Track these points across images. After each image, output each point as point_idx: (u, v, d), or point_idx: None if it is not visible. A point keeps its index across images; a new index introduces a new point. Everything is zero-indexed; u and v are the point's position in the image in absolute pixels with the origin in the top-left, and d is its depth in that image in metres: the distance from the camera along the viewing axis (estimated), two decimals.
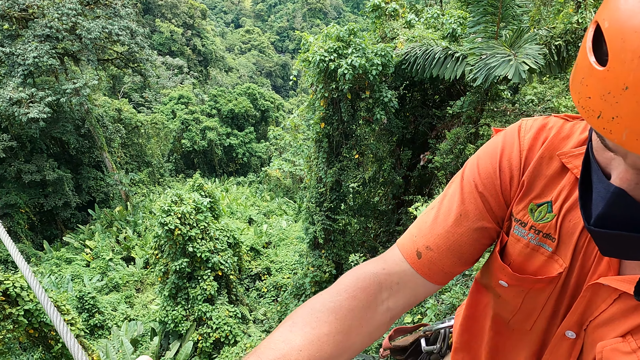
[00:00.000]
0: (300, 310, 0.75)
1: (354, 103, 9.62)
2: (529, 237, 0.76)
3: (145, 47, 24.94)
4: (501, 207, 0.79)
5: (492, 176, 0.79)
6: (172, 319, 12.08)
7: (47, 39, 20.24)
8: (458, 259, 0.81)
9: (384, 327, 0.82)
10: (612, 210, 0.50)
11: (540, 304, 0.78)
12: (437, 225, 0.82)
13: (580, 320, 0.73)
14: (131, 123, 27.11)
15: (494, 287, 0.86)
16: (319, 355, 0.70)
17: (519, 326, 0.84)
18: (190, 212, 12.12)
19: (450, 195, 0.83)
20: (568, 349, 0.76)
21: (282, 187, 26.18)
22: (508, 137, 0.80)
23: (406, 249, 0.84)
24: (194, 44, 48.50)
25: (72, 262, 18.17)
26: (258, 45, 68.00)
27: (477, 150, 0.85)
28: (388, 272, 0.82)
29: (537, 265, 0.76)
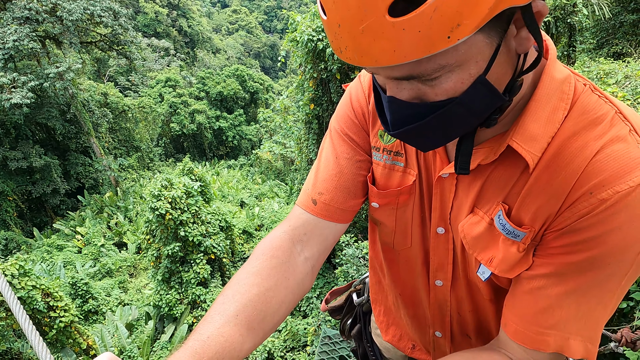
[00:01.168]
0: (229, 285, 0.81)
1: (343, 83, 9.53)
2: (384, 158, 0.89)
3: (129, 28, 24.32)
4: (365, 140, 0.92)
5: (349, 117, 0.92)
6: (166, 302, 12.15)
7: (27, 22, 19.62)
8: (347, 193, 0.92)
9: (309, 277, 0.90)
10: (394, 115, 0.63)
11: (409, 218, 0.90)
12: (320, 173, 0.94)
13: (442, 215, 0.85)
14: (118, 107, 26.64)
15: (372, 214, 0.96)
16: (255, 314, 0.76)
17: (401, 247, 0.95)
18: (181, 196, 12.06)
19: (326, 148, 0.96)
20: (444, 244, 0.87)
21: (274, 169, 26.10)
22: (353, 85, 0.95)
23: (303, 201, 0.94)
24: (180, 25, 47.42)
25: (64, 248, 18.07)
26: (246, 25, 66.73)
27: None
28: (294, 227, 0.91)
29: (397, 182, 0.88)
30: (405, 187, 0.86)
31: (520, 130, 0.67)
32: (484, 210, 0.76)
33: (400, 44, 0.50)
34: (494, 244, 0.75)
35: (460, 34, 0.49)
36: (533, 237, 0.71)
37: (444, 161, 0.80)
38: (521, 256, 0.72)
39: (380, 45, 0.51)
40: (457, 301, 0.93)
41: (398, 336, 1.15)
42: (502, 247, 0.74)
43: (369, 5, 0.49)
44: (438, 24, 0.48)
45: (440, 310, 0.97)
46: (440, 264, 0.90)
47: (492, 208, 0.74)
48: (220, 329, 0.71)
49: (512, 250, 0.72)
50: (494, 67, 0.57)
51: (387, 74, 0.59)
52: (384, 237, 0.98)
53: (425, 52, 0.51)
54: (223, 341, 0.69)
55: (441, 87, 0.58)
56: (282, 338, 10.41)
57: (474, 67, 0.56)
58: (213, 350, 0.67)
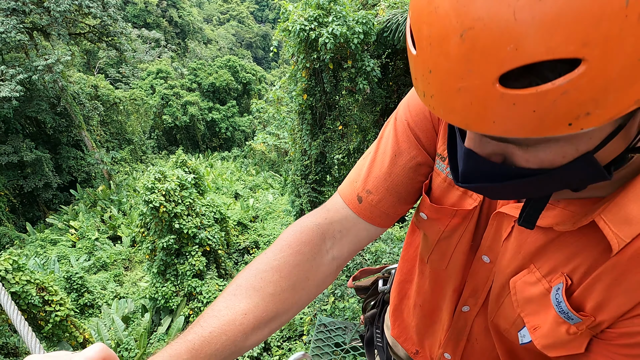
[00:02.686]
0: (245, 272, 0.76)
1: (336, 73, 9.49)
2: (447, 171, 0.78)
3: (118, 19, 23.95)
4: (433, 142, 0.81)
5: (422, 111, 0.80)
6: (162, 295, 12.17)
7: (14, 13, 19.25)
8: (397, 198, 0.83)
9: (331, 277, 0.84)
10: (468, 168, 0.55)
11: (455, 242, 0.81)
12: (374, 168, 0.83)
13: (492, 246, 0.76)
14: (109, 100, 26.34)
15: (418, 222, 0.88)
16: (265, 316, 0.72)
17: (435, 265, 0.87)
18: (175, 188, 12.01)
19: (385, 137, 0.84)
20: (485, 273, 0.79)
21: (267, 160, 26.05)
22: None
23: (347, 194, 0.85)
24: (170, 15, 46.77)
25: (57, 243, 17.98)
26: (237, 15, 65.98)
27: (408, 93, 0.86)
28: (330, 221, 0.83)
29: (454, 200, 0.78)
30: (462, 210, 0.77)
31: (614, 209, 0.56)
32: (542, 273, 0.67)
33: (504, 119, 0.42)
34: (544, 313, 0.66)
35: (587, 124, 0.40)
36: (590, 326, 0.61)
37: None
38: (570, 339, 0.63)
39: (478, 111, 0.43)
40: (478, 330, 0.87)
41: (404, 337, 1.11)
42: (550, 322, 0.65)
43: (477, 65, 0.40)
44: (562, 109, 0.39)
45: (458, 335, 0.91)
46: (474, 290, 0.83)
47: (553, 276, 0.65)
48: (225, 326, 0.68)
49: (561, 330, 0.64)
50: (607, 145, 0.47)
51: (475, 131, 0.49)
52: (422, 249, 0.91)
53: (533, 134, 0.42)
54: (225, 339, 0.67)
55: (536, 155, 0.48)
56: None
57: (584, 144, 0.46)
58: (213, 348, 0.65)
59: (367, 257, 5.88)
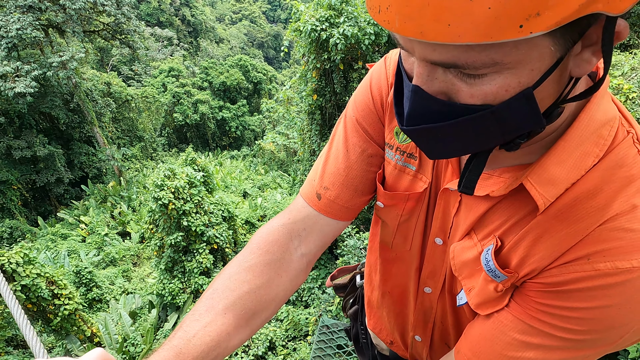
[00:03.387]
0: (219, 277, 0.79)
1: (346, 74, 9.48)
2: (396, 158, 0.82)
3: (132, 17, 24.20)
4: (380, 133, 0.84)
5: (367, 106, 0.84)
6: (169, 291, 12.25)
7: (30, 10, 19.56)
8: (354, 191, 0.86)
9: (303, 273, 0.87)
10: (414, 108, 0.54)
11: (413, 224, 0.85)
12: (329, 165, 0.87)
13: (443, 226, 0.80)
14: (121, 97, 26.62)
15: (376, 212, 0.92)
16: (244, 313, 0.74)
17: (400, 249, 0.91)
18: (184, 186, 12.09)
19: (337, 135, 0.89)
20: (440, 255, 0.83)
21: (276, 160, 26.11)
22: (376, 68, 0.85)
23: (307, 193, 0.89)
24: (183, 14, 47.14)
25: (68, 237, 18.21)
26: (249, 14, 66.27)
27: (354, 92, 0.90)
28: (294, 221, 0.87)
29: (405, 185, 0.82)
30: (413, 193, 0.81)
31: (539, 170, 0.59)
32: (479, 237, 0.71)
33: (460, 19, 0.41)
34: (477, 275, 0.71)
35: (536, 27, 0.40)
36: (514, 282, 0.66)
37: (455, 173, 0.74)
38: (497, 296, 0.68)
39: (434, 13, 0.42)
40: (443, 311, 0.90)
41: (378, 329, 1.14)
42: (481, 281, 0.70)
43: None
44: (516, 5, 0.39)
45: (424, 317, 0.95)
46: (432, 272, 0.87)
47: (487, 239, 0.69)
48: (207, 327, 0.69)
49: (489, 288, 0.68)
50: (545, 83, 0.49)
51: (426, 55, 0.49)
52: (384, 236, 0.95)
53: (486, 37, 0.42)
54: (209, 340, 0.68)
55: (481, 88, 0.49)
56: (284, 327, 10.49)
57: (526, 75, 0.48)
58: (198, 350, 0.66)
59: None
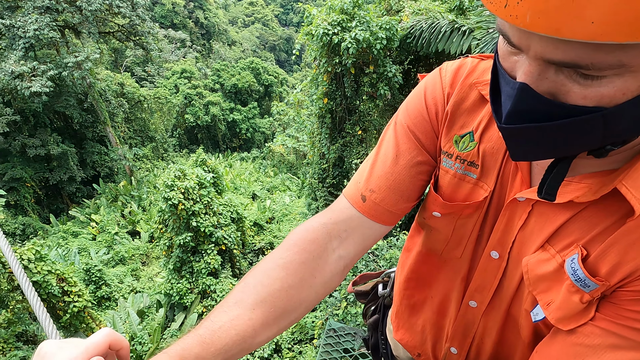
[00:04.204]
0: (253, 271, 0.78)
1: (357, 78, 9.49)
2: (456, 167, 0.80)
3: (146, 19, 24.51)
4: (432, 142, 0.84)
5: (420, 114, 0.83)
6: (177, 291, 12.33)
7: (47, 11, 19.92)
8: (400, 196, 0.85)
9: (338, 276, 0.85)
10: (518, 106, 0.53)
11: (469, 230, 0.82)
12: (377, 168, 0.86)
13: (502, 239, 0.77)
14: (134, 97, 26.94)
15: (428, 221, 0.90)
16: (272, 311, 0.73)
17: (450, 255, 0.88)
18: (194, 187, 12.18)
19: (386, 140, 0.88)
20: (494, 270, 0.80)
21: (286, 162, 26.19)
22: (430, 78, 0.85)
23: (351, 195, 0.88)
24: (197, 16, 47.60)
25: (79, 235, 18.44)
26: (262, 18, 66.69)
27: (407, 96, 0.89)
28: (335, 221, 0.85)
29: (465, 194, 0.80)
30: (474, 202, 0.78)
31: (634, 175, 0.57)
32: (557, 249, 0.67)
33: (607, 16, 0.39)
34: (557, 287, 0.67)
35: None
36: (604, 291, 0.62)
37: (525, 183, 0.71)
38: (582, 308, 0.64)
39: (578, 8, 0.40)
40: (485, 328, 0.87)
41: (406, 340, 1.11)
42: (563, 293, 0.65)
43: None
44: None
45: (464, 330, 0.91)
46: (481, 286, 0.84)
47: (568, 250, 0.65)
48: (234, 321, 0.69)
49: (574, 300, 0.64)
50: None
51: (545, 53, 0.48)
52: (434, 243, 0.91)
53: (631, 37, 0.39)
54: (234, 334, 0.68)
55: (597, 90, 0.47)
56: (290, 330, 10.49)
57: None
58: (223, 342, 0.66)
59: (382, 264, 5.85)
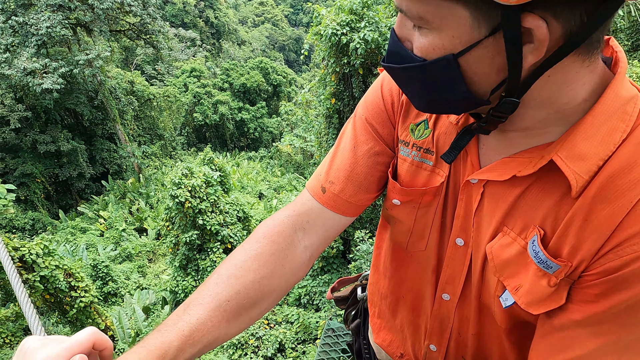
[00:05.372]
0: (225, 264, 0.80)
1: (365, 79, 9.46)
2: (412, 154, 0.83)
3: (157, 18, 24.71)
4: (390, 132, 0.87)
5: (377, 106, 0.87)
6: (182, 289, 12.39)
7: (60, 9, 20.15)
8: (358, 187, 0.88)
9: (305, 266, 0.88)
10: (390, 47, 0.64)
11: (430, 219, 0.84)
12: (336, 161, 0.90)
13: (464, 225, 0.78)
14: (144, 95, 27.16)
15: (390, 211, 0.91)
16: (246, 302, 0.76)
17: (415, 247, 0.89)
18: (201, 185, 12.24)
19: (346, 134, 0.91)
20: (461, 258, 0.81)
21: (293, 162, 26.21)
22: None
23: (312, 187, 0.91)
24: (207, 15, 47.86)
25: (87, 231, 18.62)
26: (272, 18, 66.87)
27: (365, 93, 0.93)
28: (298, 213, 0.89)
29: (423, 181, 0.82)
30: (431, 187, 0.80)
31: (567, 146, 0.60)
32: (516, 232, 0.68)
33: None
34: (524, 271, 0.68)
35: None
36: (568, 272, 0.63)
37: (475, 166, 0.74)
38: (551, 291, 0.65)
39: None
40: (460, 320, 0.87)
41: (388, 341, 1.11)
42: (531, 277, 0.66)
43: None
44: None
45: (441, 325, 0.91)
46: (451, 277, 0.84)
47: (528, 231, 0.67)
48: (210, 313, 0.71)
49: (542, 283, 0.65)
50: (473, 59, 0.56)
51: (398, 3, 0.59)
52: (398, 236, 0.93)
53: None
54: (211, 326, 0.70)
55: (420, 40, 0.58)
56: (294, 330, 10.49)
57: (449, 41, 0.55)
58: (200, 334, 0.68)
59: None
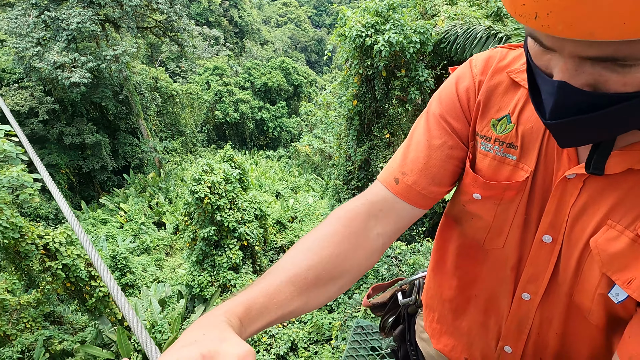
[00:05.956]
0: (303, 240, 0.83)
1: (388, 81, 9.43)
2: (495, 149, 0.82)
3: (183, 16, 25.10)
4: (465, 128, 0.87)
5: (452, 103, 0.87)
6: (198, 283, 12.53)
7: (90, 5, 20.67)
8: (431, 179, 0.88)
9: (377, 252, 0.89)
10: (560, 102, 0.55)
11: (511, 216, 0.82)
12: (409, 154, 0.90)
13: (554, 221, 0.76)
14: (167, 92, 27.61)
15: (467, 207, 0.89)
16: (324, 274, 0.78)
17: (493, 245, 0.87)
18: (220, 182, 12.37)
19: (418, 129, 0.92)
20: (546, 255, 0.78)
21: (311, 163, 26.26)
22: (461, 69, 0.89)
23: (385, 178, 0.92)
24: (231, 15, 48.39)
25: (107, 223, 19.02)
26: (294, 18, 67.19)
27: (438, 89, 0.93)
28: (371, 202, 0.89)
29: (505, 175, 0.81)
30: (515, 182, 0.79)
31: None
32: (623, 224, 0.66)
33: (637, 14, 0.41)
34: (636, 264, 0.66)
35: None
36: None
37: (573, 160, 0.71)
38: None
39: (609, 14, 0.42)
40: (542, 321, 0.85)
41: (450, 346, 1.08)
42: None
43: None
44: None
45: (518, 326, 0.89)
46: (533, 275, 0.81)
47: (637, 224, 0.65)
48: (293, 279, 0.74)
49: None
50: None
51: (579, 52, 0.50)
52: (474, 233, 0.91)
53: None
54: (292, 290, 0.73)
55: (635, 76, 0.49)
56: (307, 330, 10.51)
57: None
58: (283, 296, 0.71)
59: (404, 269, 5.80)
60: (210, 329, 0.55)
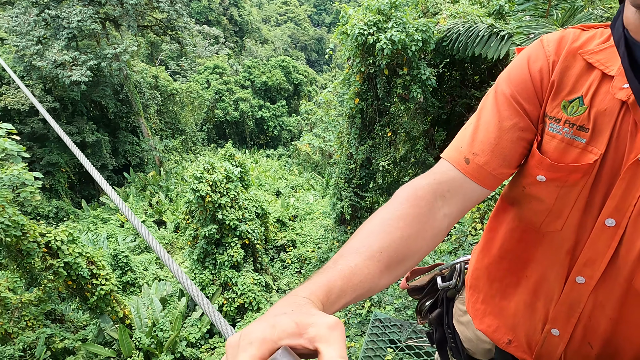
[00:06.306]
0: (371, 221, 0.82)
1: (390, 79, 9.42)
2: (564, 131, 0.81)
3: (183, 15, 25.08)
4: (535, 108, 0.86)
5: (523, 82, 0.86)
6: (199, 282, 12.54)
7: (91, 3, 20.65)
8: (502, 160, 0.87)
9: (444, 232, 0.88)
10: None
11: (572, 199, 0.81)
12: (479, 134, 0.89)
13: (620, 205, 0.75)
14: (167, 90, 27.59)
15: (528, 189, 0.89)
16: (395, 256, 0.77)
17: (550, 227, 0.87)
18: (221, 180, 12.36)
19: (486, 108, 0.90)
20: (607, 240, 0.78)
21: (311, 162, 26.24)
22: (532, 48, 0.88)
23: (453, 157, 0.90)
24: (231, 13, 48.34)
25: (108, 221, 19.02)
26: (294, 17, 67.12)
27: (506, 67, 0.91)
28: (439, 182, 0.88)
29: (572, 158, 0.80)
30: (582, 165, 0.78)
31: None
32: None
33: None
34: None
35: None
36: None
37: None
38: None
39: None
40: (595, 305, 0.84)
41: (494, 327, 1.08)
42: None
43: None
44: None
45: (569, 310, 0.88)
46: (591, 259, 0.81)
47: None
48: (366, 261, 0.73)
49: None
50: None
51: None
52: (532, 216, 0.90)
53: None
54: (367, 273, 0.72)
55: None
56: None
57: None
58: (358, 279, 0.70)
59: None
60: (298, 306, 0.56)
